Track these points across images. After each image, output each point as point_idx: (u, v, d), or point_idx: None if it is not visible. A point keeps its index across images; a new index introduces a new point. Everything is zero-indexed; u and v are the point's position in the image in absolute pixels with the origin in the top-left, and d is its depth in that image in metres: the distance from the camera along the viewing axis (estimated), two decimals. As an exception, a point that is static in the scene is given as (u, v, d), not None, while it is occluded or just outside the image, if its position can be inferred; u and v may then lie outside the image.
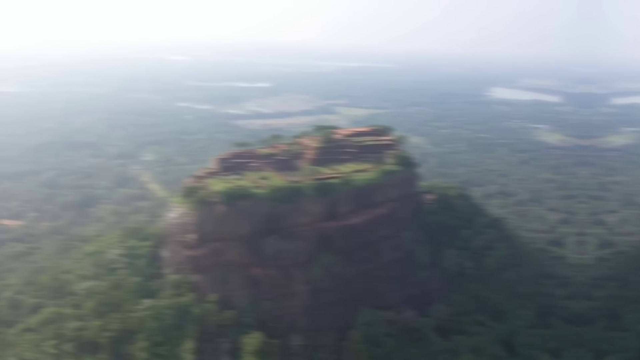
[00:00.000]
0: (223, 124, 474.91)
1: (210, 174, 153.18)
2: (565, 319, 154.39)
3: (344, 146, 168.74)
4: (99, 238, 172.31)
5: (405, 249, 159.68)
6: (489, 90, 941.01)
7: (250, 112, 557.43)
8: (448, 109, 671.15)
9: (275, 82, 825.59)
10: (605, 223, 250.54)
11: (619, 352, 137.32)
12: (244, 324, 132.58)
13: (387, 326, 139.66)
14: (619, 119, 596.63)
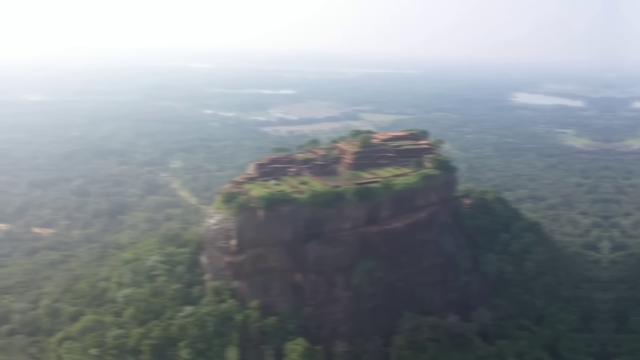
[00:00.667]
0: (249, 131, 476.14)
1: (248, 179, 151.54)
2: (605, 322, 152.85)
3: (382, 150, 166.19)
4: (135, 245, 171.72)
5: (446, 254, 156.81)
6: (512, 96, 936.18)
7: (276, 119, 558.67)
8: (473, 115, 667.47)
9: (299, 89, 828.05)
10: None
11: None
12: (287, 330, 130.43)
13: (431, 331, 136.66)
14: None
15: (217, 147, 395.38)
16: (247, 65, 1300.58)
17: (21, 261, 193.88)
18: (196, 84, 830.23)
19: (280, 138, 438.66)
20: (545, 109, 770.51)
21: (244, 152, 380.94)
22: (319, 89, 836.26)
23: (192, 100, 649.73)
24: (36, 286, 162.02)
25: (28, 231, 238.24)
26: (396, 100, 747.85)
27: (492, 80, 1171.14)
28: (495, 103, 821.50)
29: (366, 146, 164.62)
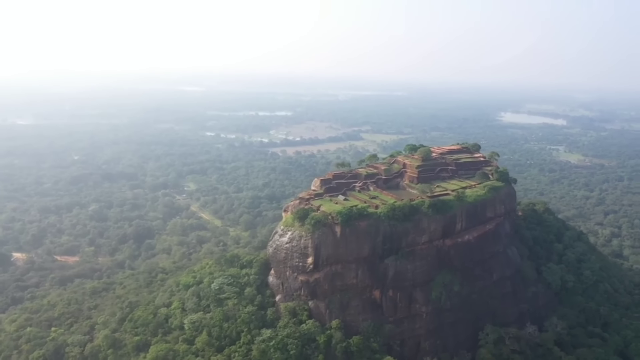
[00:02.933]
0: (257, 152, 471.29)
1: (315, 195, 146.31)
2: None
3: (443, 164, 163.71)
4: (189, 269, 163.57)
5: (513, 265, 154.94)
6: (500, 115, 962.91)
7: (279, 140, 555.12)
8: (468, 133, 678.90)
9: (295, 111, 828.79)
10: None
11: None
12: (372, 349, 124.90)
13: (514, 343, 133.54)
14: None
15: (229, 169, 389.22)
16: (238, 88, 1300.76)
17: (57, 291, 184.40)
18: (192, 106, 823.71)
19: (289, 158, 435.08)
20: (532, 127, 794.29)
21: (258, 173, 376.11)
22: (315, 111, 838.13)
23: (192, 123, 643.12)
24: (85, 317, 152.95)
25: (51, 259, 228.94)
26: (392, 120, 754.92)
27: (478, 100, 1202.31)
28: (486, 122, 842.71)
29: (427, 160, 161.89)
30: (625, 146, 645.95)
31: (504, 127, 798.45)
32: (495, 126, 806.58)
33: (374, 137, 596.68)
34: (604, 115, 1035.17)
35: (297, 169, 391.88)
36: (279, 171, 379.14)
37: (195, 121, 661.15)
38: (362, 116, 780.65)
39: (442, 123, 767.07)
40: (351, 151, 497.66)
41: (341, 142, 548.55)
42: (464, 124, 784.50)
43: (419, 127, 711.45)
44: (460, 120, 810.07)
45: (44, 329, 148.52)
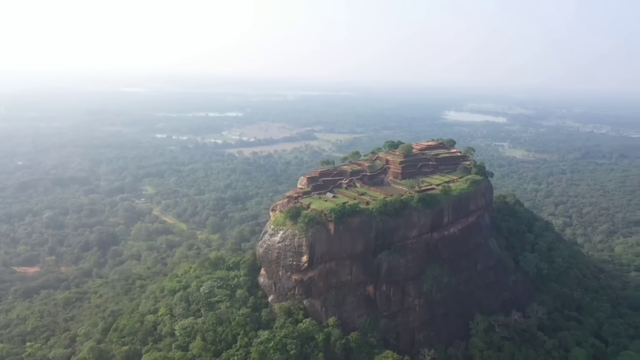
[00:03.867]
0: (213, 154, 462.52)
1: (303, 193, 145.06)
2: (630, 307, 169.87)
3: (424, 159, 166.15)
4: (171, 274, 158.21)
5: (495, 255, 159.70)
6: (444, 114, 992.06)
7: (234, 141, 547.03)
8: (418, 131, 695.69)
9: (246, 111, 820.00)
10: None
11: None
12: (370, 344, 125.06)
13: (504, 330, 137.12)
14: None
15: (187, 171, 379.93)
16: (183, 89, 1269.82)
17: (23, 304, 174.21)
18: (138, 108, 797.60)
19: (247, 159, 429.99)
20: (476, 125, 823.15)
21: (217, 174, 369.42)
22: (266, 111, 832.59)
23: (141, 125, 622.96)
24: (62, 329, 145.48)
25: (9, 271, 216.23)
26: (344, 120, 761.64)
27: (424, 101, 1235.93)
28: (433, 120, 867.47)
29: (408, 156, 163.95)
30: (563, 141, 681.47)
31: (450, 125, 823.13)
32: (442, 124, 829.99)
33: (328, 137, 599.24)
34: (539, 113, 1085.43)
35: (257, 170, 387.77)
36: (240, 172, 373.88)
37: (143, 123, 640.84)
38: (313, 116, 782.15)
39: (392, 122, 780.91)
40: (308, 151, 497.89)
41: (296, 142, 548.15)
42: (412, 122, 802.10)
43: (370, 126, 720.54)
44: (409, 119, 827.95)
45: (17, 345, 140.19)
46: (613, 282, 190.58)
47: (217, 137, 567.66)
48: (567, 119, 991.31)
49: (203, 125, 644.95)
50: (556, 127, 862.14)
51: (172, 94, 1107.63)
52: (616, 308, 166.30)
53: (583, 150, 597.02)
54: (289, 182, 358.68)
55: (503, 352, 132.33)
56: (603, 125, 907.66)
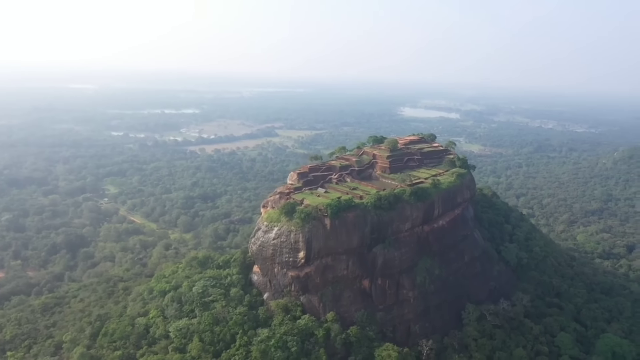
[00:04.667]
0: (174, 151, 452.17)
1: (294, 189, 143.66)
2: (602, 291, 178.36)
3: (410, 153, 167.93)
4: (159, 274, 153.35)
5: (480, 246, 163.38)
6: (400, 110, 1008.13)
7: (194, 139, 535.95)
8: (377, 127, 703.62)
9: (202, 108, 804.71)
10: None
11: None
12: (369, 338, 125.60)
13: (494, 319, 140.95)
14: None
15: (150, 169, 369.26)
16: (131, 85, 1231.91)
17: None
18: (89, 105, 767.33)
19: (210, 157, 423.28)
20: (432, 121, 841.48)
21: (182, 172, 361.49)
22: (224, 108, 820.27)
23: (93, 123, 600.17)
24: (44, 336, 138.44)
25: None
26: (303, 116, 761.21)
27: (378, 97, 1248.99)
28: (390, 116, 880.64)
29: (394, 150, 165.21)
30: (515, 136, 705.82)
31: (407, 121, 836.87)
32: (399, 120, 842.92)
33: (289, 133, 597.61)
34: (489, 109, 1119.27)
35: (223, 167, 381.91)
36: (205, 170, 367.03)
37: (97, 121, 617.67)
38: (272, 113, 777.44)
39: (351, 118, 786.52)
40: (271, 148, 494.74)
41: (257, 138, 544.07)
42: (371, 118, 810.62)
43: (329, 122, 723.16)
44: (367, 115, 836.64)
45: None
46: (584, 269, 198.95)
47: (176, 135, 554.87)
48: (516, 115, 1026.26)
49: (160, 123, 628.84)
50: (507, 122, 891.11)
51: (122, 90, 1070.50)
52: (591, 293, 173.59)
53: (535, 145, 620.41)
54: (257, 180, 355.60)
55: (495, 339, 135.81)
56: (549, 121, 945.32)
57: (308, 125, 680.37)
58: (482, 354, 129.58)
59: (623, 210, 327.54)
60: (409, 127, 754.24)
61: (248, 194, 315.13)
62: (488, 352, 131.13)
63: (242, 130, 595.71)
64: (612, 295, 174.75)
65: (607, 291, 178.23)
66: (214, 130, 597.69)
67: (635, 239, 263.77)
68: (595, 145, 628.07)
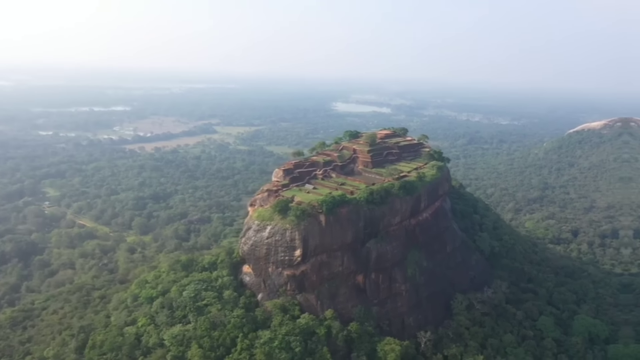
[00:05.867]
0: (112, 150, 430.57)
1: (281, 186, 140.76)
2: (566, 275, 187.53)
3: (388, 147, 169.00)
4: (140, 280, 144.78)
5: (459, 237, 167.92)
6: (333, 105, 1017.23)
7: (131, 137, 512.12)
8: (315, 123, 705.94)
9: (133, 106, 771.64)
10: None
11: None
12: (369, 333, 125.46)
13: (482, 307, 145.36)
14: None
15: (90, 170, 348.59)
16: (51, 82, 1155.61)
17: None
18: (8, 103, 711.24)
19: (152, 155, 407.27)
20: (366, 116, 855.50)
21: (126, 172, 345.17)
22: (156, 105, 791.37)
23: (17, 122, 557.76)
24: (21, 352, 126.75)
25: None
26: (239, 112, 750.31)
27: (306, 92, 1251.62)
28: (325, 112, 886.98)
29: (374, 145, 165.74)
30: (447, 129, 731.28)
31: (342, 115, 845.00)
32: (335, 115, 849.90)
33: (227, 130, 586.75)
34: (418, 103, 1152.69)
35: (168, 166, 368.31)
36: (150, 169, 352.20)
37: (20, 119, 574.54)
38: (207, 109, 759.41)
39: (287, 114, 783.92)
40: (212, 145, 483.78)
41: (196, 136, 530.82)
42: (307, 114, 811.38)
43: (266, 118, 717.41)
44: (303, 111, 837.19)
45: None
46: (547, 254, 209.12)
47: (110, 133, 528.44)
48: (444, 109, 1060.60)
49: (90, 121, 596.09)
50: (436, 116, 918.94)
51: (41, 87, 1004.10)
52: (557, 277, 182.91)
53: (468, 137, 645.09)
54: (206, 178, 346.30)
55: (485, 327, 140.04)
56: (476, 114, 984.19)
57: (245, 121, 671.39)
58: (475, 342, 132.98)
59: (560, 198, 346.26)
60: (345, 121, 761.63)
61: (200, 193, 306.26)
62: (481, 339, 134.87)
63: (179, 127, 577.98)
64: (575, 278, 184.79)
65: (570, 274, 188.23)
66: (149, 127, 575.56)
67: (577, 224, 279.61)
68: (522, 137, 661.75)
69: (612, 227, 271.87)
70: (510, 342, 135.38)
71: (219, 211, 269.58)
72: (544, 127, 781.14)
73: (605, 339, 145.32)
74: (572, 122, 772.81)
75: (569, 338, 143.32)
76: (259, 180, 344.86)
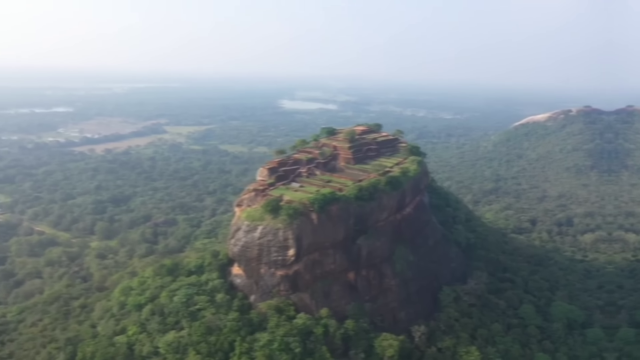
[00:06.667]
0: (62, 153, 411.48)
1: (267, 185, 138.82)
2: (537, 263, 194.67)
3: (367, 143, 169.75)
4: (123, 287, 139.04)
5: (439, 230, 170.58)
6: (280, 103, 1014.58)
7: (79, 139, 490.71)
8: (264, 120, 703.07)
9: (76, 106, 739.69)
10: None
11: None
12: (365, 330, 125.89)
13: (470, 298, 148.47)
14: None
15: (41, 174, 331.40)
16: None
17: None
18: None
19: (104, 157, 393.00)
20: (314, 113, 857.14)
21: (79, 175, 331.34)
22: (100, 106, 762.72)
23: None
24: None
25: None
26: (186, 112, 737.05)
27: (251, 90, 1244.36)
28: (273, 109, 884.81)
29: (353, 141, 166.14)
30: (394, 124, 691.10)
31: (291, 113, 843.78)
32: (283, 113, 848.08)
33: (177, 130, 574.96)
34: (363, 100, 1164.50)
35: (123, 168, 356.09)
36: (105, 171, 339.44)
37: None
38: (153, 109, 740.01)
39: (235, 112, 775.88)
40: (165, 145, 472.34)
41: (146, 136, 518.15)
42: (255, 112, 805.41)
43: (215, 117, 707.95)
44: (251, 109, 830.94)
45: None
46: (516, 244, 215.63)
47: (55, 135, 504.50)
48: (388, 105, 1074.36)
49: (33, 123, 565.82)
50: (382, 111, 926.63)
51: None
52: (529, 266, 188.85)
53: (416, 132, 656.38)
54: (164, 179, 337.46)
55: (473, 318, 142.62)
56: (420, 109, 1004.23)
57: (194, 120, 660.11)
58: (466, 333, 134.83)
59: (513, 188, 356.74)
60: (294, 119, 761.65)
61: (160, 194, 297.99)
62: (471, 330, 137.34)
63: (127, 128, 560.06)
64: (545, 266, 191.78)
65: (539, 263, 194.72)
66: (96, 129, 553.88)
67: (534, 214, 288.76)
68: (468, 130, 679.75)
69: (566, 215, 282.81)
70: (497, 331, 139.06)
71: (183, 212, 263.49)
72: (485, 120, 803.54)
73: (582, 324, 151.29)
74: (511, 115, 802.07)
75: (550, 324, 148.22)
76: (218, 180, 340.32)
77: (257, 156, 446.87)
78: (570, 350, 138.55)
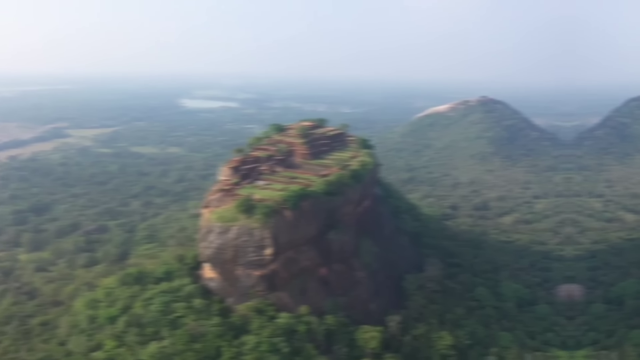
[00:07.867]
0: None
1: (233, 185, 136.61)
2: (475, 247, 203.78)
3: (319, 139, 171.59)
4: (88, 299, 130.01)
5: (391, 221, 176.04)
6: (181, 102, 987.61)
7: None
8: (170, 121, 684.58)
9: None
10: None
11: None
12: (344, 324, 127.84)
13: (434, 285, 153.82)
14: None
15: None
16: None
17: None
18: None
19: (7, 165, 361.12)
20: (217, 111, 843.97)
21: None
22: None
23: None
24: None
25: None
26: (86, 114, 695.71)
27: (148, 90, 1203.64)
28: (176, 109, 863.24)
29: (306, 136, 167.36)
30: (298, 120, 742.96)
31: (194, 112, 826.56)
32: (186, 112, 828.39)
33: (82, 133, 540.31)
34: (263, 97, 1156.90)
35: (35, 175, 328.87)
36: (15, 179, 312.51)
37: None
38: (50, 112, 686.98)
39: (138, 113, 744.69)
40: (72, 149, 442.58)
41: (49, 141, 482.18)
42: (158, 112, 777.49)
43: (118, 118, 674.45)
44: (153, 109, 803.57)
45: None
46: (453, 230, 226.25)
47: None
48: (289, 101, 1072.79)
49: None
50: (285, 107, 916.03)
51: None
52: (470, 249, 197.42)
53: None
54: (82, 185, 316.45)
55: (438, 304, 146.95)
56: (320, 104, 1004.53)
57: (97, 123, 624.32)
58: (435, 319, 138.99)
59: (427, 177, 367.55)
60: (199, 117, 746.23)
61: (82, 201, 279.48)
62: (438, 316, 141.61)
63: (27, 133, 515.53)
64: (482, 249, 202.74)
65: (477, 246, 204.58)
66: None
67: (453, 200, 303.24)
68: (370, 124, 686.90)
69: (482, 200, 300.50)
70: (461, 314, 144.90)
71: (112, 218, 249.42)
72: (383, 113, 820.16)
73: (529, 302, 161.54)
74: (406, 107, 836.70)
75: (504, 304, 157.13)
76: (139, 182, 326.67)
77: (173, 157, 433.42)
78: (526, 327, 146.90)
